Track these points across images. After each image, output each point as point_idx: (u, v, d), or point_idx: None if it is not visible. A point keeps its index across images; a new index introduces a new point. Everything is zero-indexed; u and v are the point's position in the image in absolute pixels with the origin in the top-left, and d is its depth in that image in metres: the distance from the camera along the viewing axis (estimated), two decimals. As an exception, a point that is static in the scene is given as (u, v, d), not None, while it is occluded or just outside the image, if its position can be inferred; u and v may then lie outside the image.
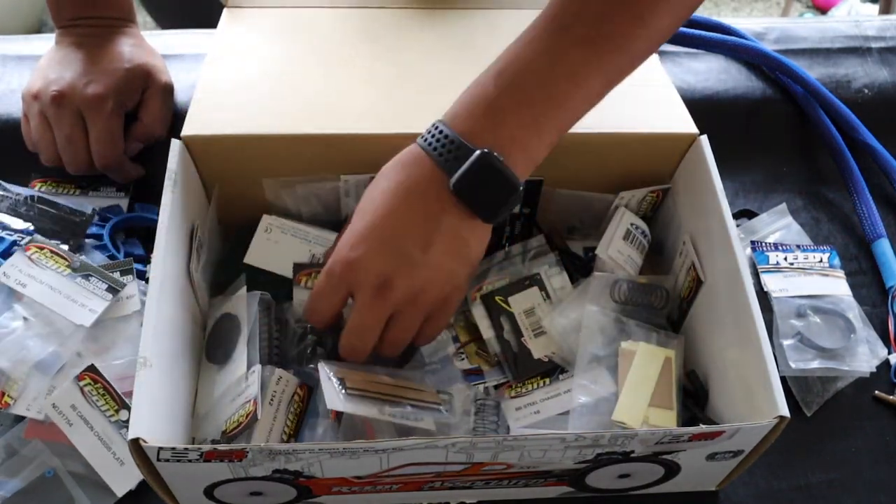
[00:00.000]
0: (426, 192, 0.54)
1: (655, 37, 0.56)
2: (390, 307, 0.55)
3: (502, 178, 0.53)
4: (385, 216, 0.54)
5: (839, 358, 0.66)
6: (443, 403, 0.59)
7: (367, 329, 0.56)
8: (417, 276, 0.54)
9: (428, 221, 0.54)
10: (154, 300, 0.53)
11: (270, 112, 0.64)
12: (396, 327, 0.56)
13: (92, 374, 0.58)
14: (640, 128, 0.65)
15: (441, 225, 0.54)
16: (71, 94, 0.70)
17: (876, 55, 0.90)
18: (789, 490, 0.63)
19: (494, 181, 0.53)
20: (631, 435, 0.50)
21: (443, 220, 0.54)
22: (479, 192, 0.53)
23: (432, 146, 0.54)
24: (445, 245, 0.54)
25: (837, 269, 0.71)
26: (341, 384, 0.55)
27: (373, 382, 0.57)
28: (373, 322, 0.55)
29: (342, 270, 0.54)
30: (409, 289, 0.54)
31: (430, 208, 0.54)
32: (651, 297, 0.65)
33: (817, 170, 0.82)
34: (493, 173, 0.53)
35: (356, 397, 0.55)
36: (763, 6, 2.52)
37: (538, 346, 0.62)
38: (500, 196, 0.54)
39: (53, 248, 0.64)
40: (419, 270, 0.54)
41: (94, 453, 0.58)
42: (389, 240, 0.54)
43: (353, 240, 0.54)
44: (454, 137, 0.53)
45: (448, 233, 0.54)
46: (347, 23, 0.74)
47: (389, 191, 0.54)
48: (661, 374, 0.60)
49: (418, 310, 0.56)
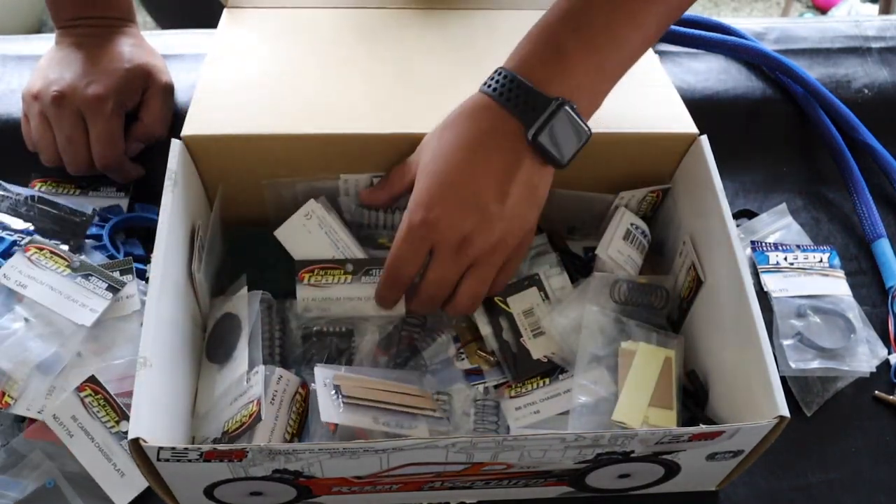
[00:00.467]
0: (501, 143, 0.54)
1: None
2: (470, 260, 0.55)
3: (578, 128, 0.54)
4: (460, 171, 0.54)
5: (839, 358, 0.66)
6: (438, 409, 0.59)
7: (446, 281, 0.56)
8: (496, 228, 0.54)
9: (504, 173, 0.54)
10: (154, 300, 0.53)
11: (270, 112, 0.64)
12: (475, 278, 0.57)
13: (93, 384, 0.58)
14: (640, 128, 0.65)
15: (517, 175, 0.54)
16: (71, 95, 0.70)
17: (876, 55, 0.90)
18: (789, 490, 0.63)
19: (571, 131, 0.54)
20: (631, 435, 0.50)
21: (519, 170, 0.54)
22: (557, 141, 0.54)
23: (504, 95, 0.53)
24: (520, 194, 0.54)
25: (837, 269, 0.71)
26: (337, 393, 0.56)
27: (370, 389, 0.57)
28: (453, 275, 0.56)
29: (423, 232, 0.54)
30: (489, 242, 0.55)
31: (507, 159, 0.54)
32: (651, 297, 0.65)
33: (817, 170, 0.82)
34: (570, 123, 0.53)
35: (352, 406, 0.56)
36: (763, 6, 2.52)
37: (537, 346, 0.62)
38: (575, 145, 0.55)
39: (53, 249, 0.64)
40: (498, 223, 0.54)
41: (95, 464, 0.58)
42: (468, 197, 0.54)
43: (429, 199, 0.54)
44: (529, 86, 0.53)
45: (523, 182, 0.54)
46: (347, 23, 0.74)
47: (461, 143, 0.54)
48: (661, 374, 0.60)
49: (496, 259, 0.57)
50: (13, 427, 0.60)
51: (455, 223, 0.54)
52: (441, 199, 0.54)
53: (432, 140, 0.56)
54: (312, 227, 0.65)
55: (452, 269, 0.56)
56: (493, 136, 0.54)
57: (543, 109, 0.53)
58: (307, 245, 0.65)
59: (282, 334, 0.64)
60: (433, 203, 0.54)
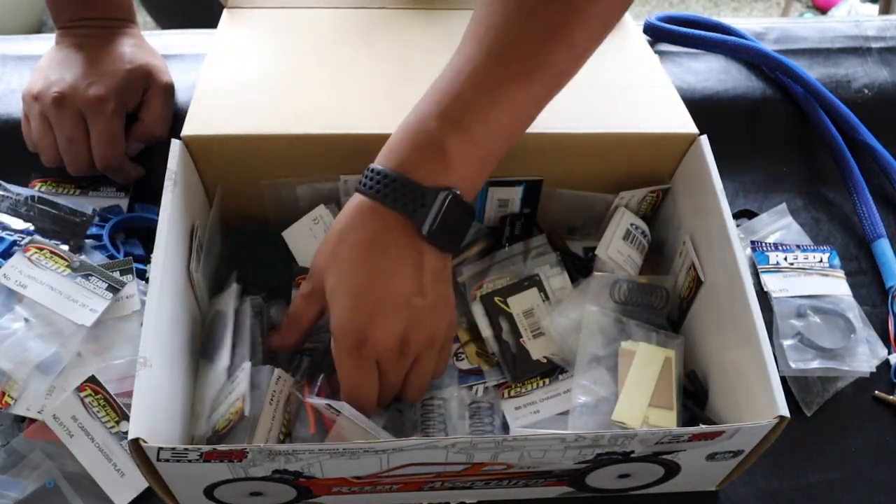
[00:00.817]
0: (401, 241, 0.54)
1: (584, 58, 0.57)
2: (412, 357, 0.56)
3: (465, 214, 0.55)
4: (373, 278, 0.53)
5: (839, 358, 0.66)
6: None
7: (394, 384, 0.57)
8: (427, 320, 0.55)
9: (414, 267, 0.54)
10: (154, 300, 0.53)
11: (270, 112, 0.64)
12: (419, 373, 0.58)
13: (93, 384, 0.58)
14: (640, 128, 0.65)
15: (425, 266, 0.54)
16: (72, 96, 0.70)
17: (876, 55, 0.90)
18: (789, 490, 0.63)
19: (460, 219, 0.55)
20: (631, 435, 0.50)
21: (425, 262, 0.54)
22: (450, 230, 0.54)
23: (389, 196, 0.53)
24: (434, 282, 0.55)
25: (837, 269, 0.71)
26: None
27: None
28: (401, 375, 0.57)
29: (363, 352, 0.54)
30: (425, 335, 0.56)
31: (411, 255, 0.54)
32: (651, 297, 0.65)
33: (817, 170, 0.82)
34: (459, 212, 0.54)
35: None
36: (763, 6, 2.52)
37: (537, 346, 0.62)
38: (464, 229, 0.56)
39: (53, 249, 0.64)
40: (427, 315, 0.55)
41: (95, 464, 0.58)
42: (390, 300, 0.53)
43: (354, 319, 0.54)
44: (414, 183, 0.53)
45: (432, 271, 0.55)
46: (347, 23, 0.74)
47: (363, 252, 0.54)
48: (661, 374, 0.60)
49: (435, 347, 0.57)
50: (13, 427, 0.60)
51: (388, 330, 0.54)
52: (367, 313, 0.53)
53: (328, 260, 0.55)
54: (318, 233, 0.65)
55: (400, 371, 0.56)
56: (389, 236, 0.54)
57: (432, 204, 0.53)
58: (311, 250, 0.65)
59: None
60: (360, 321, 0.53)
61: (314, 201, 0.67)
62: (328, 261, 0.55)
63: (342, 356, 0.55)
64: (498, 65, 0.54)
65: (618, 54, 0.72)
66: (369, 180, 0.54)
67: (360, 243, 0.54)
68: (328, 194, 0.67)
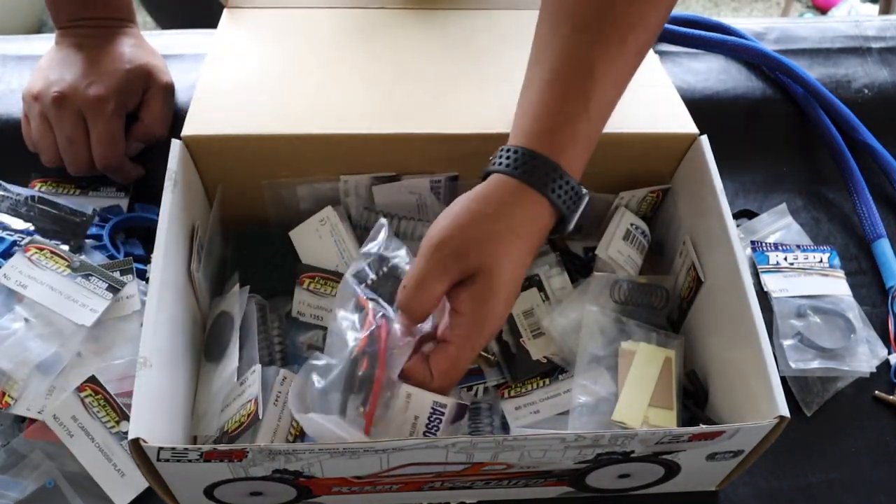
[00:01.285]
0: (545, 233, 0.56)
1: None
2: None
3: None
4: (523, 270, 0.56)
5: (839, 358, 0.66)
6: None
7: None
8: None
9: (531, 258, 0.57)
10: (154, 300, 0.53)
11: (270, 112, 0.64)
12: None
13: (93, 384, 0.58)
14: (640, 128, 0.65)
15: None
16: (72, 96, 0.70)
17: (876, 55, 0.90)
18: (789, 490, 0.63)
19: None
20: (631, 435, 0.50)
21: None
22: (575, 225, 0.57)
23: (556, 193, 0.54)
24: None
25: (837, 269, 0.71)
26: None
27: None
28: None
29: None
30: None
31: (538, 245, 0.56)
32: (651, 297, 0.65)
33: (817, 170, 0.82)
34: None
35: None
36: (763, 6, 2.52)
37: (536, 347, 0.62)
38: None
39: (53, 249, 0.64)
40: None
41: (95, 464, 0.58)
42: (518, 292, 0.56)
43: (508, 308, 0.55)
44: (576, 187, 0.55)
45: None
46: (347, 23, 0.74)
47: (522, 240, 0.55)
48: (661, 374, 0.60)
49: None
50: (13, 427, 0.60)
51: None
52: (510, 306, 0.55)
53: (487, 240, 0.54)
54: (324, 234, 0.65)
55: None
56: (542, 225, 0.56)
57: (580, 203, 0.56)
58: (316, 250, 0.65)
59: (280, 333, 0.64)
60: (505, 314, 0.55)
61: (314, 201, 0.67)
62: (487, 242, 0.54)
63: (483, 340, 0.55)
64: (618, 44, 0.56)
65: (618, 54, 0.72)
66: (522, 164, 0.54)
67: (519, 232, 0.54)
68: (328, 194, 0.67)
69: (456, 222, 0.54)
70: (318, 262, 0.65)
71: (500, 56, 0.71)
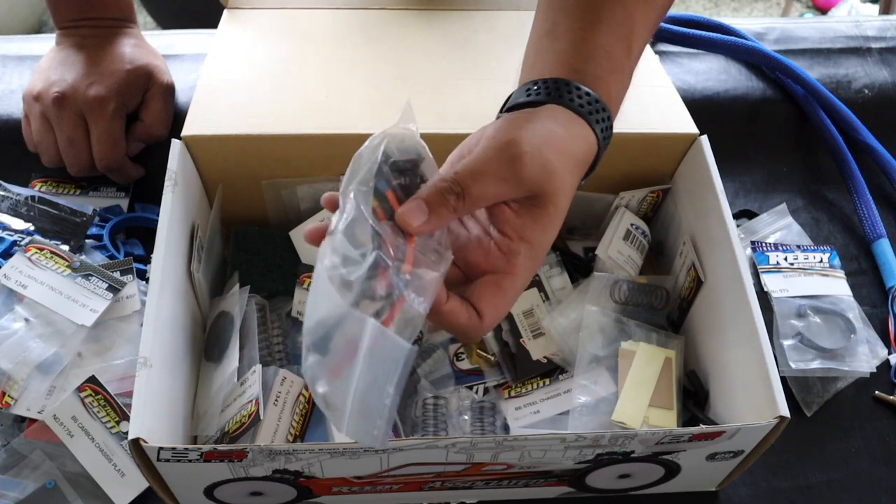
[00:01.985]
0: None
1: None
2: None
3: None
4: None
5: (839, 358, 0.66)
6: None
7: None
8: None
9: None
10: (154, 300, 0.53)
11: (270, 112, 0.64)
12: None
13: (93, 385, 0.58)
14: (640, 128, 0.65)
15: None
16: (73, 96, 0.70)
17: (876, 55, 0.90)
18: (789, 490, 0.63)
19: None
20: (631, 435, 0.50)
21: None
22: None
23: (594, 118, 0.50)
24: None
25: (837, 270, 0.71)
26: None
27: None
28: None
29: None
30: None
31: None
32: (651, 298, 0.65)
33: (817, 170, 0.82)
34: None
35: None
36: (763, 6, 2.52)
37: (536, 347, 0.62)
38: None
39: (53, 249, 0.64)
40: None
41: (95, 464, 0.58)
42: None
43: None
44: (609, 113, 0.51)
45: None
46: (347, 23, 0.74)
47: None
48: (661, 375, 0.60)
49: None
50: (13, 427, 0.60)
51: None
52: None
53: (560, 171, 0.48)
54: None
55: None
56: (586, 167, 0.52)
57: (610, 131, 0.53)
58: (316, 250, 0.64)
59: (280, 333, 0.64)
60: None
61: (314, 201, 0.67)
62: (559, 161, 0.48)
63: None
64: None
65: (618, 54, 0.72)
66: (583, 100, 0.50)
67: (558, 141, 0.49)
68: (328, 194, 0.67)
69: (529, 130, 0.47)
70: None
71: (500, 56, 0.71)
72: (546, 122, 0.49)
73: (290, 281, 0.64)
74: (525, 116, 0.49)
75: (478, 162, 0.47)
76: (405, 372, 0.41)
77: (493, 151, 0.47)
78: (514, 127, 0.48)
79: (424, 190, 0.46)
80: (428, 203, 0.45)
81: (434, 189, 0.46)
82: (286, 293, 0.64)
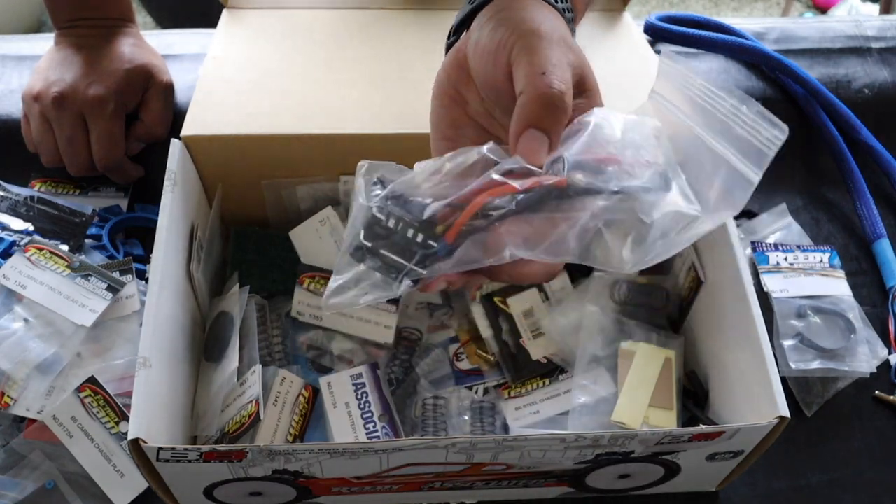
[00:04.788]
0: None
1: None
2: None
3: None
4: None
5: (839, 358, 0.66)
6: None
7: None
8: None
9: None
10: (154, 300, 0.53)
11: (270, 112, 0.64)
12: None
13: (92, 385, 0.58)
14: (640, 128, 0.65)
15: None
16: (72, 96, 0.70)
17: (876, 55, 0.90)
18: (789, 490, 0.63)
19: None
20: (631, 435, 0.50)
21: None
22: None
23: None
24: None
25: (838, 270, 0.71)
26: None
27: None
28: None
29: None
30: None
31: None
32: (651, 298, 0.65)
33: (817, 170, 0.82)
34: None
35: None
36: (763, 6, 2.52)
37: (536, 347, 0.62)
38: None
39: (53, 249, 0.64)
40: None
41: (95, 465, 0.58)
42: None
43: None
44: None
45: None
46: (347, 23, 0.74)
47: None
48: (661, 375, 0.60)
49: None
50: (13, 427, 0.60)
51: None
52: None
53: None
54: (324, 234, 0.65)
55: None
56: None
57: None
58: (316, 250, 0.65)
59: (280, 333, 0.64)
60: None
61: (314, 201, 0.67)
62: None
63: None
64: None
65: (618, 54, 0.72)
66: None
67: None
68: (328, 194, 0.67)
69: (557, 22, 0.47)
70: (318, 262, 0.64)
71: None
72: (530, 10, 0.48)
73: (290, 281, 0.64)
74: (509, 4, 0.48)
75: (544, 53, 0.44)
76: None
77: (544, 37, 0.45)
78: (518, 20, 0.46)
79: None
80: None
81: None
82: (286, 293, 0.64)
